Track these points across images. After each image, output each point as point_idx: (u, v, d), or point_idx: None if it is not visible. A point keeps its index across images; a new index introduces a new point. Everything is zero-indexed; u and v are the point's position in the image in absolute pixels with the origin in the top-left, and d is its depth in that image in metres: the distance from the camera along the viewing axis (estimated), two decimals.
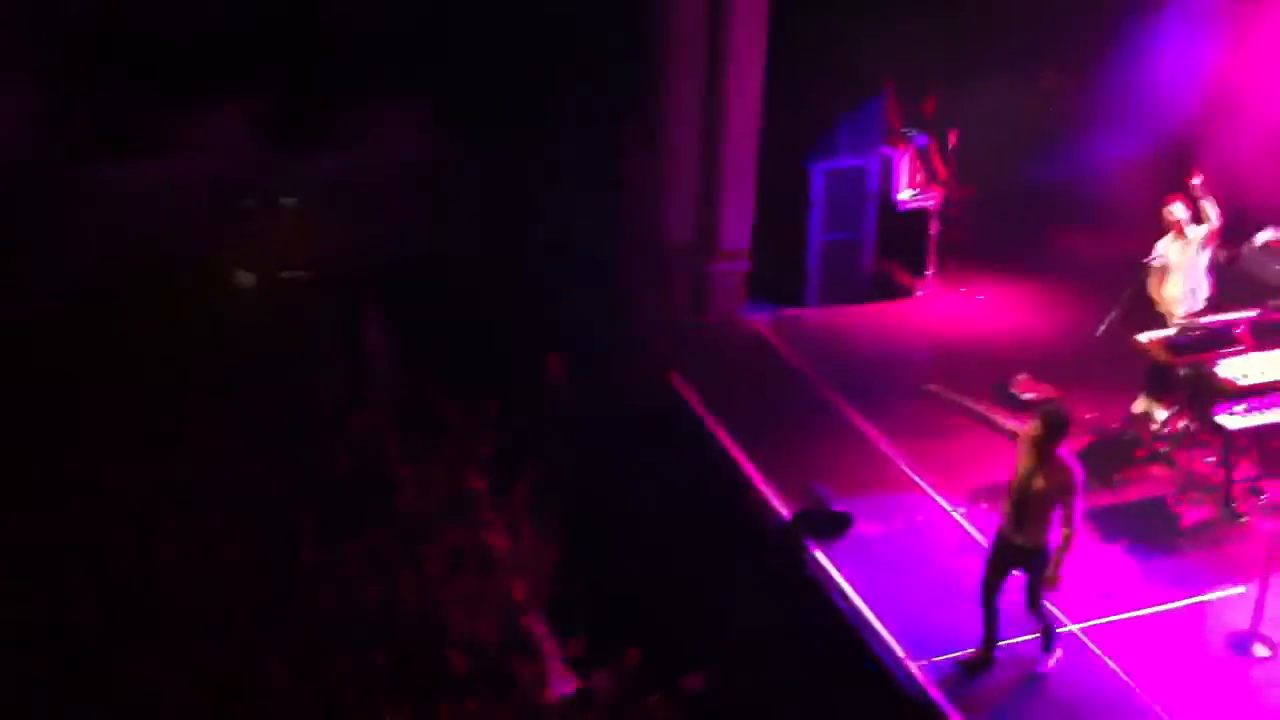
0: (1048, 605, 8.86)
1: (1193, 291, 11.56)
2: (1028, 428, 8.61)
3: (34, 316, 11.92)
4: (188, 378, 11.33)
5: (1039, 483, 8.43)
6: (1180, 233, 11.43)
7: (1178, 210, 11.39)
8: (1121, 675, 8.95)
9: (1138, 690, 8.82)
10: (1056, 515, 8.45)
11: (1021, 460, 8.55)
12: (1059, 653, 9.00)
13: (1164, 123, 14.71)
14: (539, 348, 12.78)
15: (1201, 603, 9.65)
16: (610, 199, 13.81)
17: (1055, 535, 8.49)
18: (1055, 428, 8.39)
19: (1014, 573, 8.73)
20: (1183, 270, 11.51)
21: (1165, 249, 11.50)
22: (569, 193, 14.00)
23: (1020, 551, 8.63)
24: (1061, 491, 8.37)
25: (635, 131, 13.91)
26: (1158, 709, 8.67)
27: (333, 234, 13.33)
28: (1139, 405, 11.53)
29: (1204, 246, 11.45)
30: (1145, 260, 11.54)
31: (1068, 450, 8.52)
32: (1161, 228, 11.54)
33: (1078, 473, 8.38)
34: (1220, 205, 11.36)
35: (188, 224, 12.89)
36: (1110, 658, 9.11)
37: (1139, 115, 15.06)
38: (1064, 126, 15.84)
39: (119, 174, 13.03)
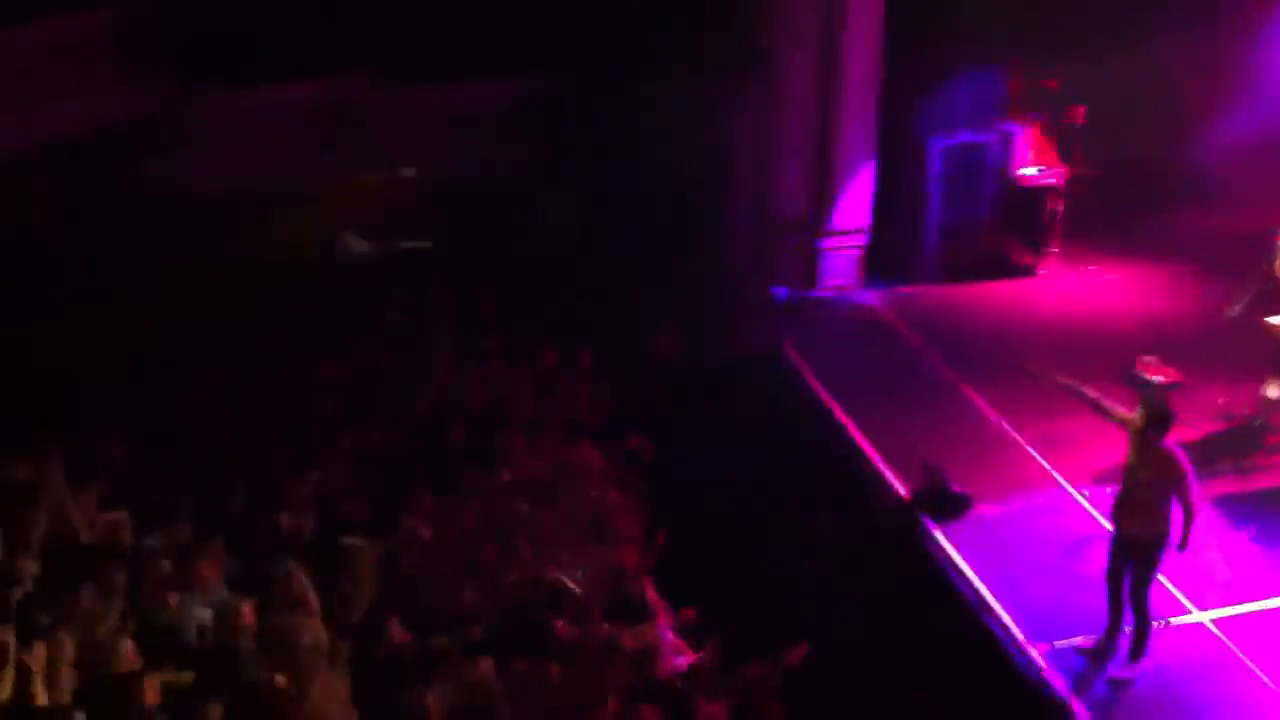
0: (1149, 602, 8.62)
1: None
2: (1133, 416, 8.42)
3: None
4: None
5: (1145, 473, 8.30)
6: None
7: None
8: (1252, 666, 8.73)
9: (1268, 680, 8.59)
10: (1167, 505, 8.28)
11: (1130, 449, 8.40)
12: (1142, 665, 8.67)
13: None
14: (651, 317, 12.77)
15: None
16: (726, 173, 13.71)
17: (1166, 525, 8.33)
18: (1158, 419, 8.26)
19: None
20: None
21: None
22: (686, 173, 13.93)
23: (1132, 540, 8.48)
24: (1169, 482, 8.21)
25: (750, 110, 13.80)
26: None
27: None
28: (1271, 390, 11.21)
29: None
30: (1275, 240, 11.21)
31: (1174, 440, 8.33)
32: None
33: (1184, 463, 8.22)
34: None
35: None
36: (1240, 648, 8.88)
37: (1266, 94, 14.64)
38: (1194, 106, 15.46)
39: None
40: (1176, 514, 8.33)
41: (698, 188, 13.87)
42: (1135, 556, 8.53)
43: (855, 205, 13.98)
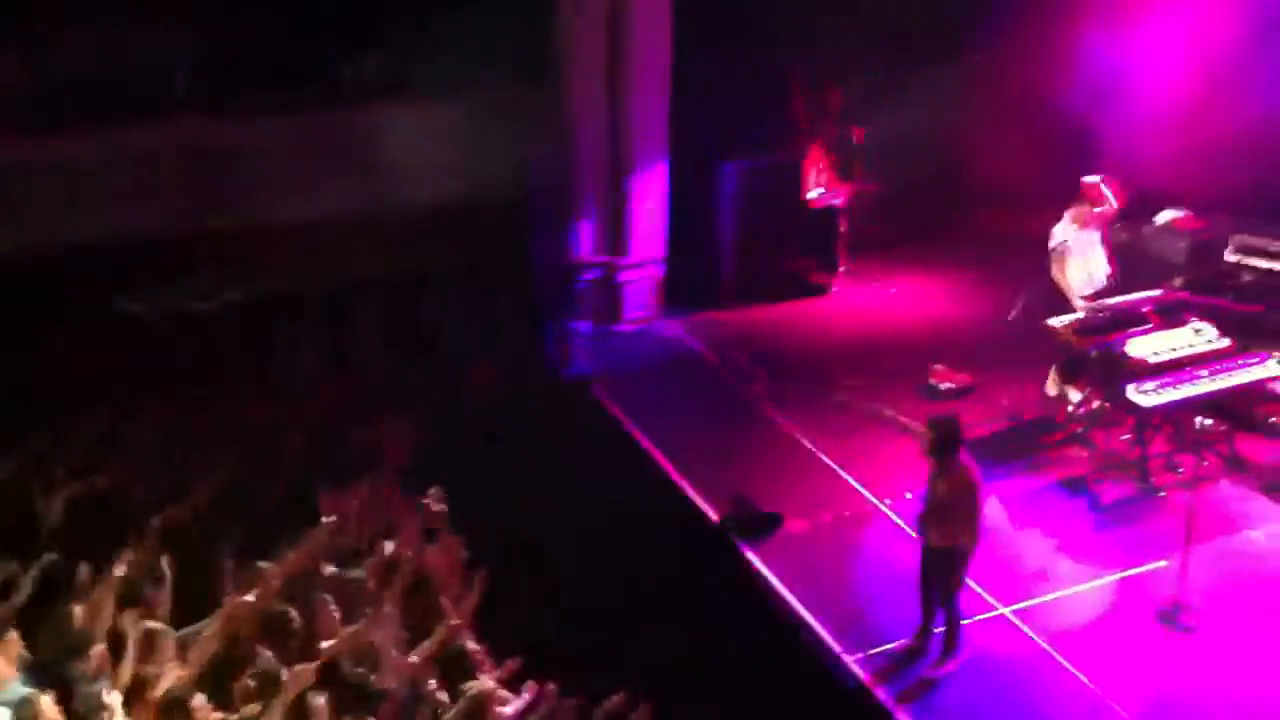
0: (958, 604, 8.94)
1: (1090, 275, 11.78)
2: (922, 440, 8.79)
3: None
4: None
5: (941, 487, 8.62)
6: (1082, 218, 11.63)
7: (1090, 193, 11.58)
8: (1053, 653, 9.06)
9: (1070, 667, 8.93)
10: (968, 516, 8.64)
11: (930, 465, 8.73)
12: (955, 657, 8.97)
13: (1062, 104, 14.97)
14: (453, 353, 12.70)
15: (1126, 578, 9.81)
16: (520, 213, 13.72)
17: (968, 535, 8.68)
18: (944, 437, 8.62)
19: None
20: (1080, 254, 11.72)
21: (1063, 234, 11.70)
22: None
23: (937, 550, 8.80)
24: (962, 495, 8.55)
25: (540, 146, 13.86)
26: (1090, 684, 8.78)
27: None
28: (1051, 388, 11.72)
29: (1096, 228, 11.67)
30: (1051, 246, 11.75)
31: (967, 455, 8.70)
32: (1059, 213, 11.73)
33: (977, 476, 8.60)
34: (1118, 188, 11.60)
35: None
36: (1041, 637, 9.21)
37: (1036, 98, 15.30)
38: (963, 115, 16.08)
39: None
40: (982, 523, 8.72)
41: (497, 230, 13.83)
42: (941, 564, 8.84)
43: (650, 235, 14.10)
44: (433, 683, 7.71)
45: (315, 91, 13.24)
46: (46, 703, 6.98)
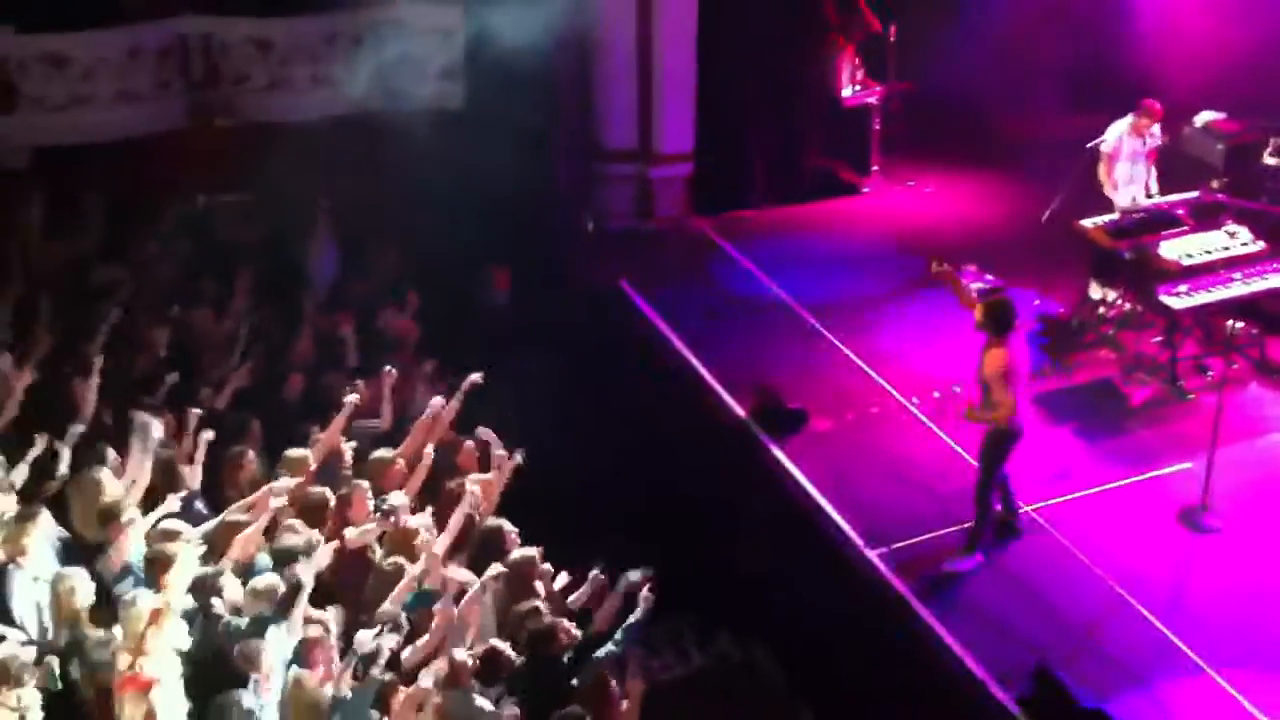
0: (989, 498, 8.99)
1: (1132, 181, 11.66)
2: (976, 314, 8.75)
3: None
4: None
5: (985, 368, 8.63)
6: (1139, 129, 11.50)
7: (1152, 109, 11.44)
8: (1076, 553, 9.12)
9: (1093, 566, 8.99)
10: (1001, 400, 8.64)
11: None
12: (975, 559, 9.03)
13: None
14: (480, 258, 12.70)
15: (1152, 479, 9.82)
16: (548, 106, 13.57)
17: (1007, 421, 8.68)
18: (991, 318, 8.61)
19: None
20: (1128, 160, 11.60)
21: (1115, 135, 11.56)
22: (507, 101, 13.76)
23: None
24: (999, 377, 8.55)
25: (567, 37, 13.68)
26: (1113, 583, 8.84)
27: None
28: (1094, 290, 11.66)
29: (1147, 142, 11.57)
30: (1090, 145, 11.60)
31: (1019, 338, 8.70)
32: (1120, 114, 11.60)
33: (1013, 359, 8.56)
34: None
35: None
36: (1065, 536, 9.27)
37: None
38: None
39: None
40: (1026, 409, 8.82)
41: (521, 117, 13.69)
42: (984, 446, 8.88)
43: (680, 131, 13.96)
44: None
45: None
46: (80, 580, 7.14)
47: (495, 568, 7.61)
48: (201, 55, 12.62)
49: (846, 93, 14.47)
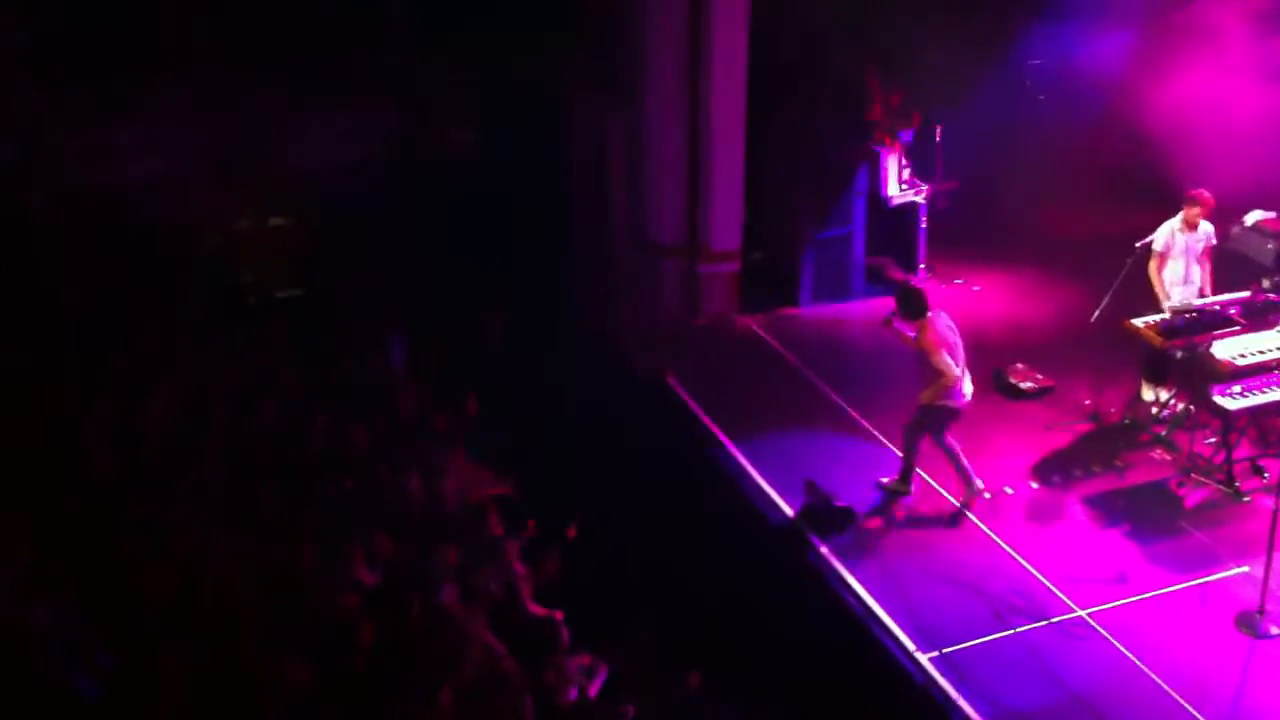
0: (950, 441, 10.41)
1: (1187, 278, 11.60)
2: (895, 305, 10.32)
3: None
4: None
5: (919, 345, 10.10)
6: (1193, 226, 11.47)
7: (1198, 210, 11.42)
8: (1132, 658, 8.95)
9: (1149, 672, 8.82)
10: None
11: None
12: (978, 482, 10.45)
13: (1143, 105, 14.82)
14: (529, 347, 12.77)
15: (1208, 583, 9.67)
16: (599, 200, 13.75)
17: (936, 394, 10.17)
18: (908, 304, 10.21)
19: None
20: (1183, 256, 11.55)
21: (1167, 234, 11.52)
22: (561, 195, 13.97)
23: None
24: (932, 347, 10.04)
25: (621, 132, 13.88)
26: (1170, 689, 8.66)
27: None
28: (1146, 392, 11.57)
29: (1199, 238, 11.54)
30: (1139, 245, 11.57)
31: (938, 318, 10.20)
32: (1167, 213, 11.59)
33: (937, 330, 10.12)
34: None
35: None
36: (1121, 642, 9.10)
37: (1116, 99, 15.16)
38: (1042, 110, 15.98)
39: None
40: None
41: (572, 213, 13.88)
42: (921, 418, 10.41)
43: (728, 229, 14.08)
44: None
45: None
46: None
47: None
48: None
49: (894, 191, 14.55)
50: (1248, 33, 14.63)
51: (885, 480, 10.90)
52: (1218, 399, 10.52)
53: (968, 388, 10.30)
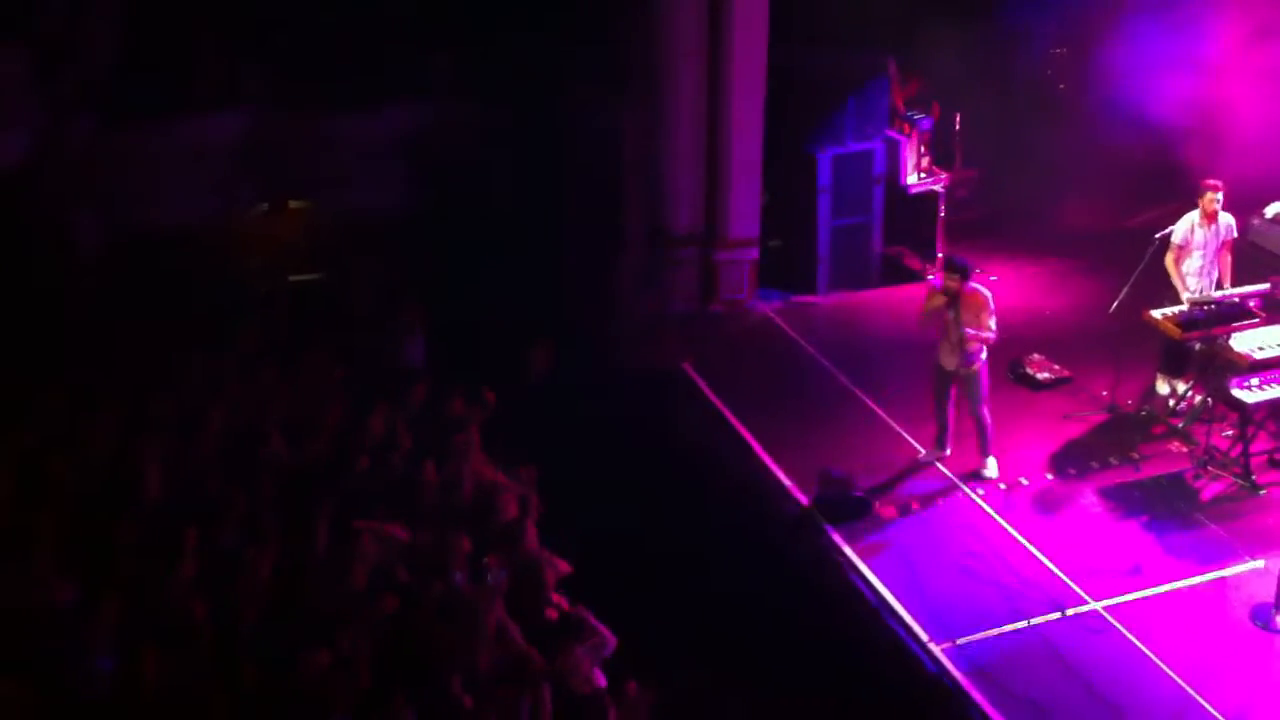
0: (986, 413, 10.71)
1: (1206, 270, 11.56)
2: (944, 277, 10.63)
3: None
4: None
5: (973, 303, 10.43)
6: (1212, 218, 11.41)
7: (1215, 197, 11.36)
8: (1146, 651, 8.95)
9: (1163, 665, 8.82)
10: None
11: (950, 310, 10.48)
12: (992, 461, 10.79)
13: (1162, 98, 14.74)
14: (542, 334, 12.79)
15: (1223, 577, 9.65)
16: (615, 188, 13.73)
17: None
18: (959, 269, 10.47)
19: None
20: (1201, 249, 11.50)
21: (1187, 227, 11.47)
22: (570, 180, 13.96)
23: (952, 372, 10.74)
24: (984, 304, 10.48)
25: (638, 120, 13.87)
26: (1183, 683, 8.66)
27: None
28: (1162, 385, 11.54)
29: (1218, 230, 11.49)
30: (1159, 235, 11.53)
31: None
32: (1184, 206, 11.54)
33: (987, 291, 10.54)
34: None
35: None
36: (1134, 634, 9.10)
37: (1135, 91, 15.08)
38: (1066, 100, 15.91)
39: None
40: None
41: (587, 202, 13.86)
42: (957, 383, 10.69)
43: (746, 217, 14.06)
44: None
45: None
46: None
47: None
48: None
49: (912, 180, 14.51)
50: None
51: (923, 452, 11.18)
52: (1235, 392, 10.49)
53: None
